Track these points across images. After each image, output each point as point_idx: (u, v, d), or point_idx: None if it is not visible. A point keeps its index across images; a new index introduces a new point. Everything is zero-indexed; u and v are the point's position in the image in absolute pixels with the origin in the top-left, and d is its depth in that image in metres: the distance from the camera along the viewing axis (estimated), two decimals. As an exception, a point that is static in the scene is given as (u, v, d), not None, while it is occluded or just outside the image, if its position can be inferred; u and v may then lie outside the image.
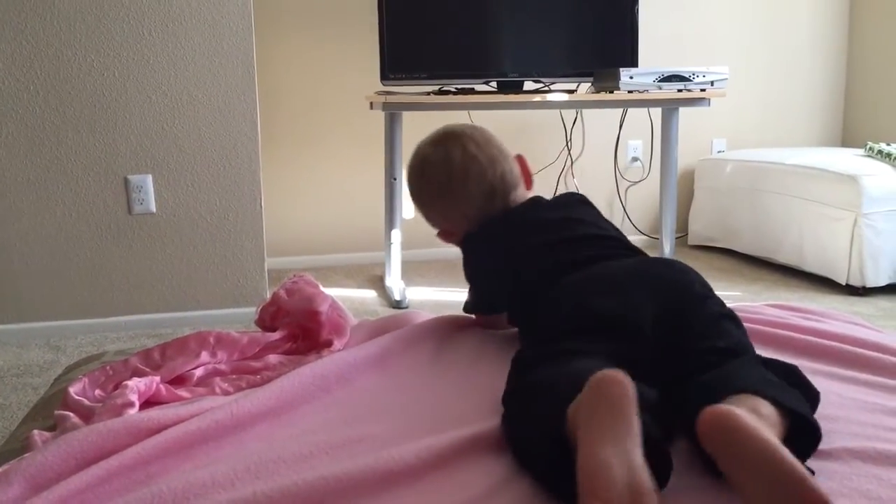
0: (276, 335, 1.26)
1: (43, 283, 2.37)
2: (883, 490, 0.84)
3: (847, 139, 3.93)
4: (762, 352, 1.07)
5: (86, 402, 1.05)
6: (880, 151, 2.96)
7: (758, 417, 0.79)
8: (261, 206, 2.51)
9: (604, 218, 1.32)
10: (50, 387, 1.29)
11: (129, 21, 2.32)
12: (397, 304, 2.69)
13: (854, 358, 1.19)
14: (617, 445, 0.74)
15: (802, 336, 1.28)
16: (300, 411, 1.04)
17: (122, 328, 2.44)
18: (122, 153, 2.38)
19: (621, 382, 0.77)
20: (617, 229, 1.30)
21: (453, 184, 1.30)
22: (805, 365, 1.14)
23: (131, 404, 1.00)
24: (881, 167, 2.86)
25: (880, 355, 1.20)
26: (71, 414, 1.02)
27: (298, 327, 1.28)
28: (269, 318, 1.33)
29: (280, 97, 3.18)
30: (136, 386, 1.04)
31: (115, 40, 2.32)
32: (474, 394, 1.08)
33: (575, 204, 1.33)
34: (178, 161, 2.42)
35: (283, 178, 3.24)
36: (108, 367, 1.15)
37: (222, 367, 1.17)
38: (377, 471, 0.83)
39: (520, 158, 1.37)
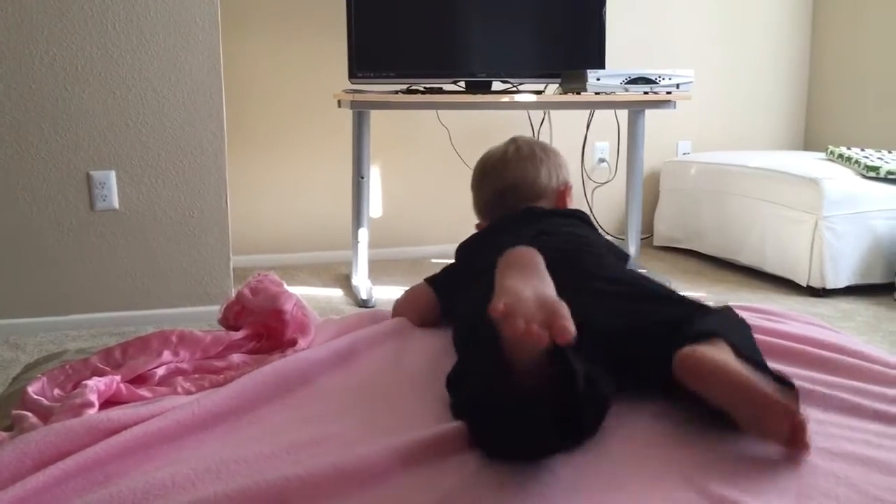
0: (239, 334, 1.25)
1: (2, 280, 2.33)
2: (840, 488, 0.85)
3: (809, 143, 3.99)
4: None
5: (44, 401, 1.04)
6: (841, 155, 3.01)
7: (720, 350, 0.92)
8: (226, 204, 2.49)
9: (594, 236, 1.36)
10: (8, 386, 1.27)
11: (92, 15, 2.29)
12: (364, 303, 2.69)
13: (813, 359, 1.22)
14: (526, 280, 0.85)
15: (763, 337, 1.30)
16: (262, 411, 1.04)
17: (84, 326, 2.40)
18: (84, 148, 2.34)
19: (529, 251, 0.91)
20: (609, 249, 1.35)
21: (483, 175, 1.45)
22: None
23: (90, 404, 0.99)
24: (842, 171, 2.91)
25: (838, 356, 1.22)
26: (29, 414, 1.00)
27: (262, 326, 1.27)
28: (234, 316, 1.32)
29: (247, 94, 3.16)
30: (96, 385, 1.03)
31: (79, 34, 2.29)
32: (437, 393, 1.08)
33: (571, 221, 1.38)
34: (142, 157, 2.39)
35: (249, 175, 3.21)
36: (67, 366, 1.13)
37: (184, 366, 1.15)
38: (339, 471, 0.83)
39: (565, 187, 1.46)
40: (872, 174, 2.85)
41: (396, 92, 2.72)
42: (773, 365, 1.10)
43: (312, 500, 0.79)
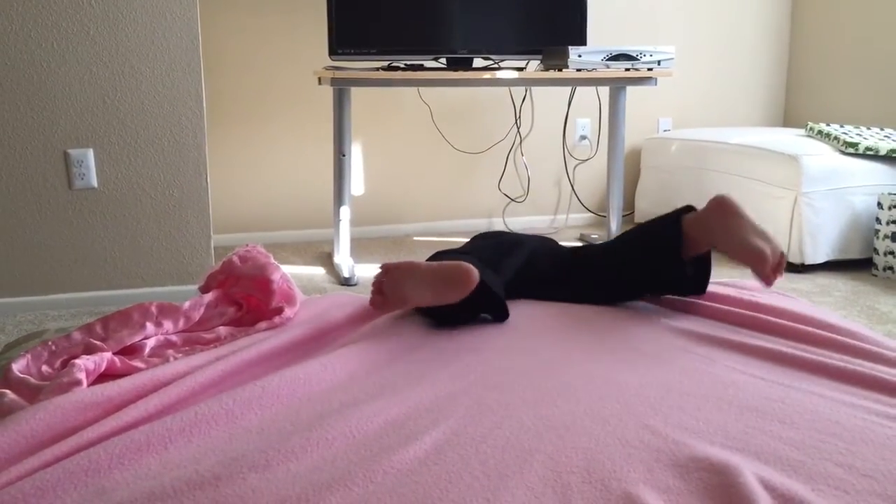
0: (210, 295, 1.25)
1: (-20, 260, 2.31)
2: (786, 432, 0.89)
3: (789, 119, 4.02)
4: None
5: (31, 380, 1.03)
6: (820, 132, 3.03)
7: None
8: (206, 182, 2.47)
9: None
10: (-11, 364, 1.26)
11: (68, -10, 2.25)
12: (346, 282, 2.68)
13: (791, 332, 1.25)
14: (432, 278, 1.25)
15: (742, 311, 1.34)
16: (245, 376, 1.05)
17: (63, 306, 2.39)
18: (61, 126, 2.31)
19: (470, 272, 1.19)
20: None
21: None
22: (745, 338, 1.20)
23: (78, 382, 0.99)
24: (821, 147, 2.93)
25: (814, 329, 1.26)
26: (8, 391, 1.00)
27: (244, 296, 1.27)
28: (217, 285, 1.32)
29: (226, 70, 3.13)
30: (85, 364, 1.02)
31: (54, 10, 2.25)
32: (410, 368, 1.10)
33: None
34: (120, 135, 2.37)
35: (229, 152, 3.19)
36: (50, 343, 1.13)
37: (174, 338, 1.15)
38: (312, 440, 0.85)
39: None
40: (851, 150, 2.87)
41: (377, 69, 2.71)
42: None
43: (292, 463, 0.81)
